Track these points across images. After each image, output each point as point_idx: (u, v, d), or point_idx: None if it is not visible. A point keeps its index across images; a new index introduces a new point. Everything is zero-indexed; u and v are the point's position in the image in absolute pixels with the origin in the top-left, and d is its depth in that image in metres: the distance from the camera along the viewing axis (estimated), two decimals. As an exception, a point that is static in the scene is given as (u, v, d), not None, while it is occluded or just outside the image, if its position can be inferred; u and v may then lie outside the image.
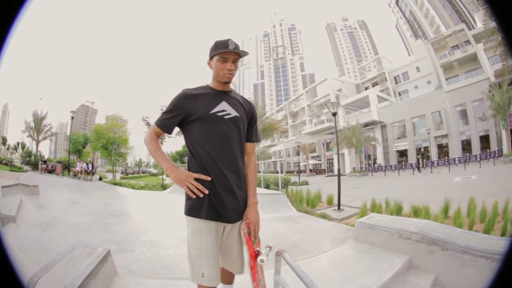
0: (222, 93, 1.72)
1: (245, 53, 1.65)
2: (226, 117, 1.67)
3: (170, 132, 1.71)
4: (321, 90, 52.19)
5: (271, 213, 7.00)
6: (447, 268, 2.87)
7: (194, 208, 1.58)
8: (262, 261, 1.53)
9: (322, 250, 4.00)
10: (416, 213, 7.25)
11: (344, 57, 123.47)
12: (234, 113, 1.70)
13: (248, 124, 1.81)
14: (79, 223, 6.02)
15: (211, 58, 1.68)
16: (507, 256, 0.90)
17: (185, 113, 1.64)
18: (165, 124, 1.68)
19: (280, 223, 6.12)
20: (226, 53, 1.61)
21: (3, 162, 32.26)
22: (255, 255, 1.58)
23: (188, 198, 1.61)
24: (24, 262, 3.28)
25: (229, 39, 1.61)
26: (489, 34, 22.72)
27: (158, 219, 7.47)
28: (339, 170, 11.45)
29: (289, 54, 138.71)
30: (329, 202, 10.83)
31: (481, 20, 28.31)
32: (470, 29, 33.48)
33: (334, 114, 11.29)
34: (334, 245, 4.26)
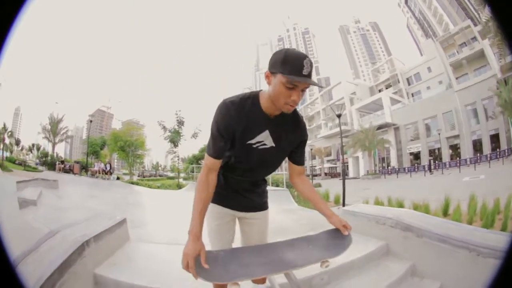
0: (270, 119, 1.45)
1: (320, 84, 1.43)
2: (261, 147, 1.48)
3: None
4: (336, 93, 52.21)
5: (274, 206, 7.49)
6: (424, 256, 2.87)
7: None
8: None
9: (306, 233, 4.39)
10: (415, 209, 7.31)
11: (358, 59, 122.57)
12: (270, 144, 1.48)
13: (295, 148, 1.62)
14: (98, 209, 6.55)
15: (273, 72, 1.30)
16: (509, 252, 0.89)
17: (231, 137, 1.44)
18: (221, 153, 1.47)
19: (279, 214, 6.55)
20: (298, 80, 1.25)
21: (17, 162, 32.87)
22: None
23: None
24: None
25: (305, 58, 1.24)
26: (489, 30, 22.53)
27: (173, 209, 8.03)
28: (343, 170, 11.90)
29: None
30: (336, 201, 11.10)
31: (484, 15, 28.10)
32: (476, 25, 33.12)
33: (339, 116, 11.63)
34: (318, 230, 4.61)
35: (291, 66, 1.23)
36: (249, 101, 1.42)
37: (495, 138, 29.55)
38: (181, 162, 29.24)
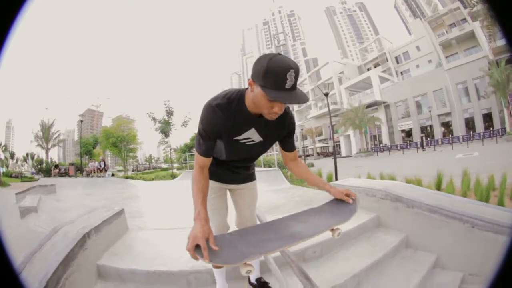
0: (256, 118, 1.46)
1: (304, 100, 1.22)
2: (248, 143, 1.55)
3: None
4: (324, 73, 52.36)
5: (267, 186, 7.61)
6: (416, 228, 2.86)
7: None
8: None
9: (299, 210, 4.47)
10: (407, 184, 7.28)
11: (345, 40, 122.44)
12: (258, 139, 1.55)
13: (283, 137, 1.66)
14: (96, 206, 6.65)
15: (255, 81, 1.26)
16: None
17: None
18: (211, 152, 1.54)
19: (272, 193, 6.64)
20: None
21: (13, 175, 32.97)
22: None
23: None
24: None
25: (289, 71, 1.16)
26: (479, 13, 22.70)
27: (168, 197, 8.16)
28: (334, 147, 12.03)
29: (290, 40, 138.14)
30: (329, 179, 11.20)
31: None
32: (466, 7, 33.37)
33: (326, 95, 11.75)
34: (311, 206, 4.68)
35: (273, 80, 1.17)
36: (235, 101, 1.41)
37: (488, 118, 30.05)
38: (173, 152, 29.21)
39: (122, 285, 2.24)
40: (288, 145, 1.70)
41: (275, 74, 1.16)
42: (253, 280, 2.08)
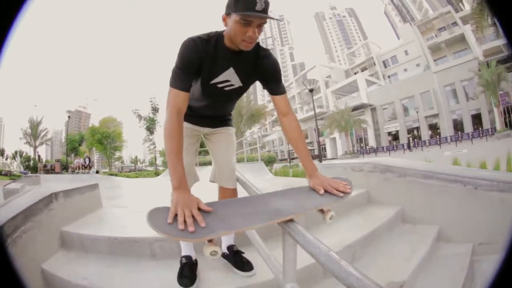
0: (234, 54, 1.43)
1: (273, 18, 1.29)
2: (227, 88, 1.52)
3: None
4: (311, 77, 52.78)
5: (250, 177, 7.61)
6: (412, 198, 2.62)
7: None
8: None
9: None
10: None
11: (334, 45, 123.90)
12: (237, 83, 1.52)
13: (267, 81, 1.57)
14: None
15: (228, 14, 1.30)
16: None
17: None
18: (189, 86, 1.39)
19: (256, 182, 6.66)
20: (250, 15, 1.22)
21: (3, 173, 32.81)
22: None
23: None
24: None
25: None
26: (477, 13, 23.11)
27: (149, 189, 8.13)
28: (318, 142, 12.09)
29: (278, 45, 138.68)
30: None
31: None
32: (457, 11, 34.05)
33: (311, 91, 11.84)
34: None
35: (244, 3, 1.20)
36: (214, 37, 1.41)
37: (477, 119, 30.42)
38: (158, 153, 28.97)
39: (84, 255, 2.07)
40: (273, 89, 1.57)
41: None
42: (224, 249, 1.81)
